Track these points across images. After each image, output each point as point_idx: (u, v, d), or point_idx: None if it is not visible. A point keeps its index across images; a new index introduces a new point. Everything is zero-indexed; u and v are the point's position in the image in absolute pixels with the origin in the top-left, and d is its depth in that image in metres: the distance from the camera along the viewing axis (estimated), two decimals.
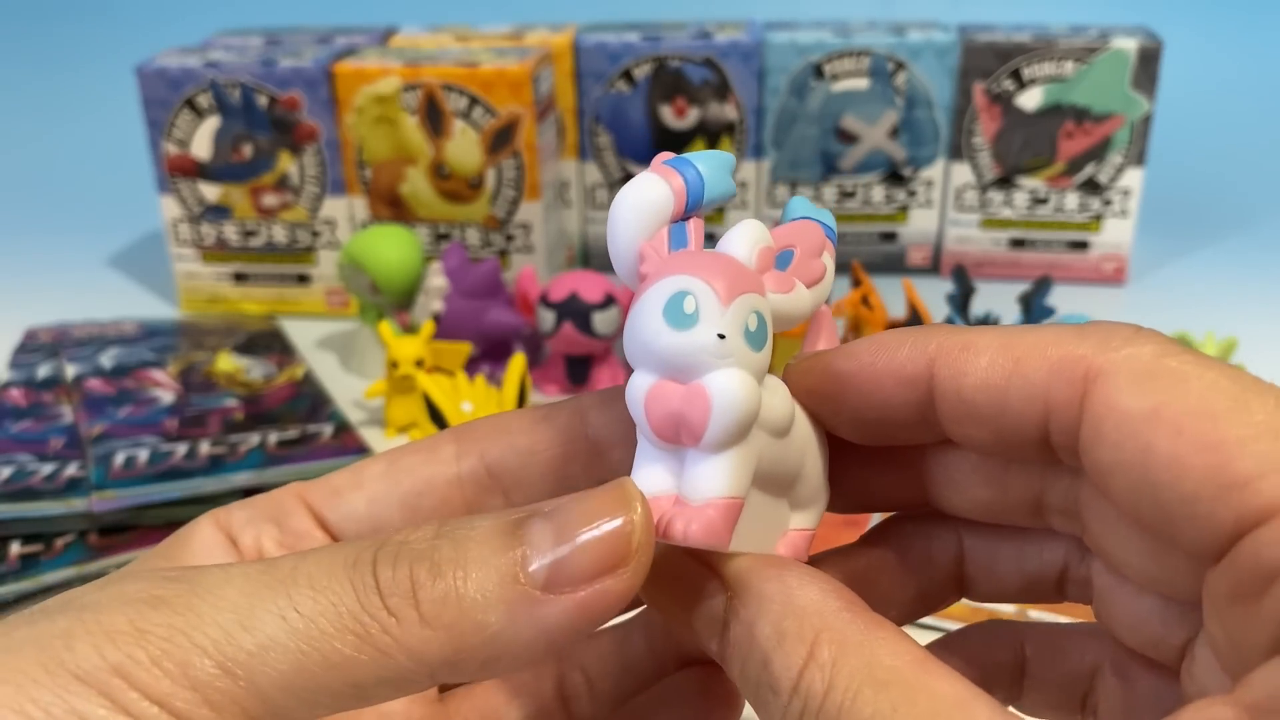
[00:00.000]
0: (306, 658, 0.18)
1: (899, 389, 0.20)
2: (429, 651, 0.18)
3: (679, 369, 0.19)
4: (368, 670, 0.18)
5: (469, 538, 0.19)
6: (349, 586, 0.18)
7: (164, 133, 0.70)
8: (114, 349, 0.65)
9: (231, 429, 0.55)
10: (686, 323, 0.19)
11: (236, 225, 0.72)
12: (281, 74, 0.68)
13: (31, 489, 0.49)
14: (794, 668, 0.18)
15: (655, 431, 0.19)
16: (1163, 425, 0.17)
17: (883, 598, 0.23)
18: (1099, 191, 0.74)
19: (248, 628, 0.18)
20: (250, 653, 0.18)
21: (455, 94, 0.67)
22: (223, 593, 0.18)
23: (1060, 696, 0.24)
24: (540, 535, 0.19)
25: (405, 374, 0.57)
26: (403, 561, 0.19)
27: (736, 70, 0.73)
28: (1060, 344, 0.19)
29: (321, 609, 0.18)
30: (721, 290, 0.19)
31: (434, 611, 0.18)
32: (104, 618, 0.18)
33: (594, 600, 0.18)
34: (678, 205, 0.20)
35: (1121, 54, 0.70)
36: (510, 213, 0.70)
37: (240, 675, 0.17)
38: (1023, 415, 0.19)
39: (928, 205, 0.76)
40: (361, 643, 0.18)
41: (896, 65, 0.73)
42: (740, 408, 0.19)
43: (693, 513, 0.19)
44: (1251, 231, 0.86)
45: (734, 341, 0.19)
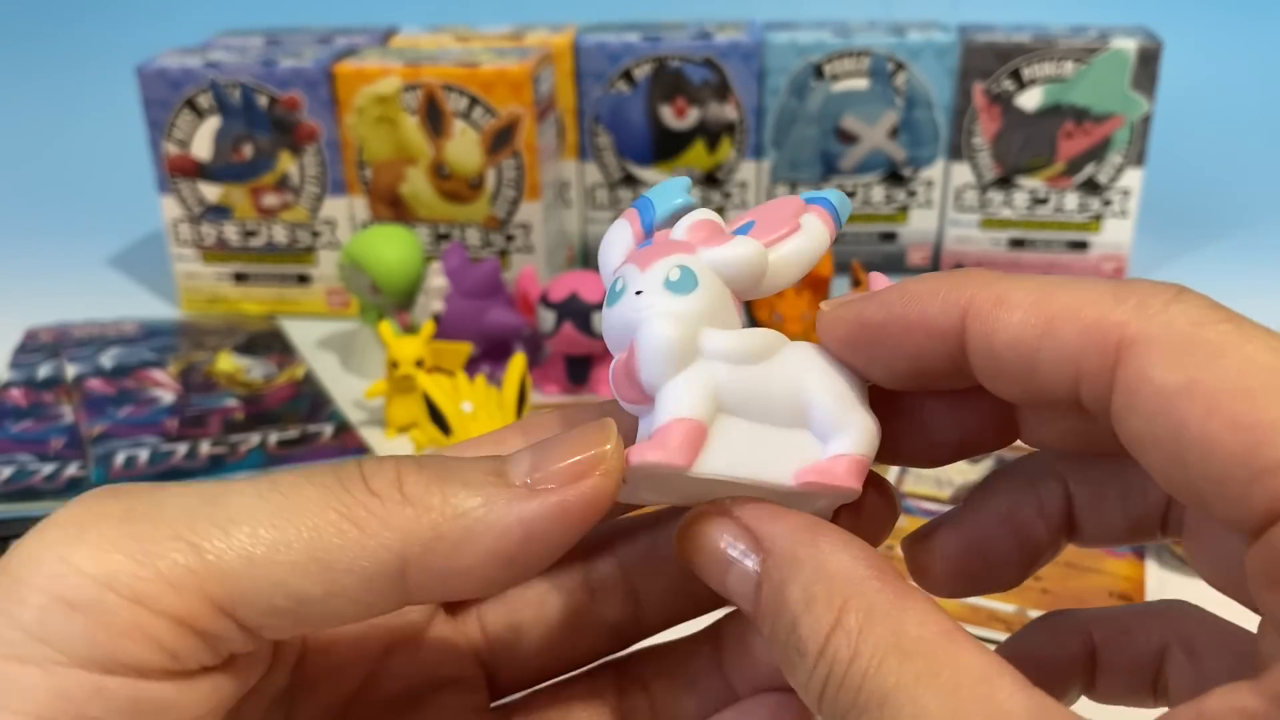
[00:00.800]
0: (279, 530, 0.17)
1: (930, 341, 0.20)
2: (407, 528, 0.18)
3: (622, 336, 0.21)
4: (340, 550, 0.18)
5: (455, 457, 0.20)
6: (332, 474, 0.19)
7: (164, 133, 0.70)
8: (114, 349, 0.65)
9: (232, 429, 0.55)
10: (615, 298, 0.21)
11: (237, 225, 0.73)
12: (282, 74, 0.68)
13: (32, 489, 0.49)
14: (821, 632, 0.18)
15: (620, 395, 0.21)
16: (1195, 402, 0.17)
17: (1001, 557, 0.23)
18: (1099, 192, 0.74)
19: (215, 503, 0.18)
20: (216, 523, 0.17)
21: (455, 94, 0.67)
22: (191, 485, 0.18)
23: (1132, 681, 0.24)
24: (520, 455, 0.20)
25: (405, 374, 0.57)
26: (389, 462, 0.19)
27: (736, 70, 0.73)
28: (1096, 305, 0.18)
29: (301, 489, 0.18)
30: (639, 260, 0.21)
31: (416, 493, 0.18)
32: (59, 513, 0.17)
33: (572, 497, 0.19)
34: (635, 230, 0.22)
35: (1121, 54, 0.70)
36: (510, 213, 0.70)
37: (203, 545, 0.17)
38: (1053, 377, 0.19)
39: (928, 205, 0.76)
40: (339, 517, 0.18)
41: (896, 65, 0.73)
42: (659, 339, 0.20)
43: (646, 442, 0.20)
44: (1251, 231, 0.86)
45: (653, 294, 0.20)
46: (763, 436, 0.21)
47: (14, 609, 0.16)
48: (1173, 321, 0.17)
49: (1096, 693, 0.24)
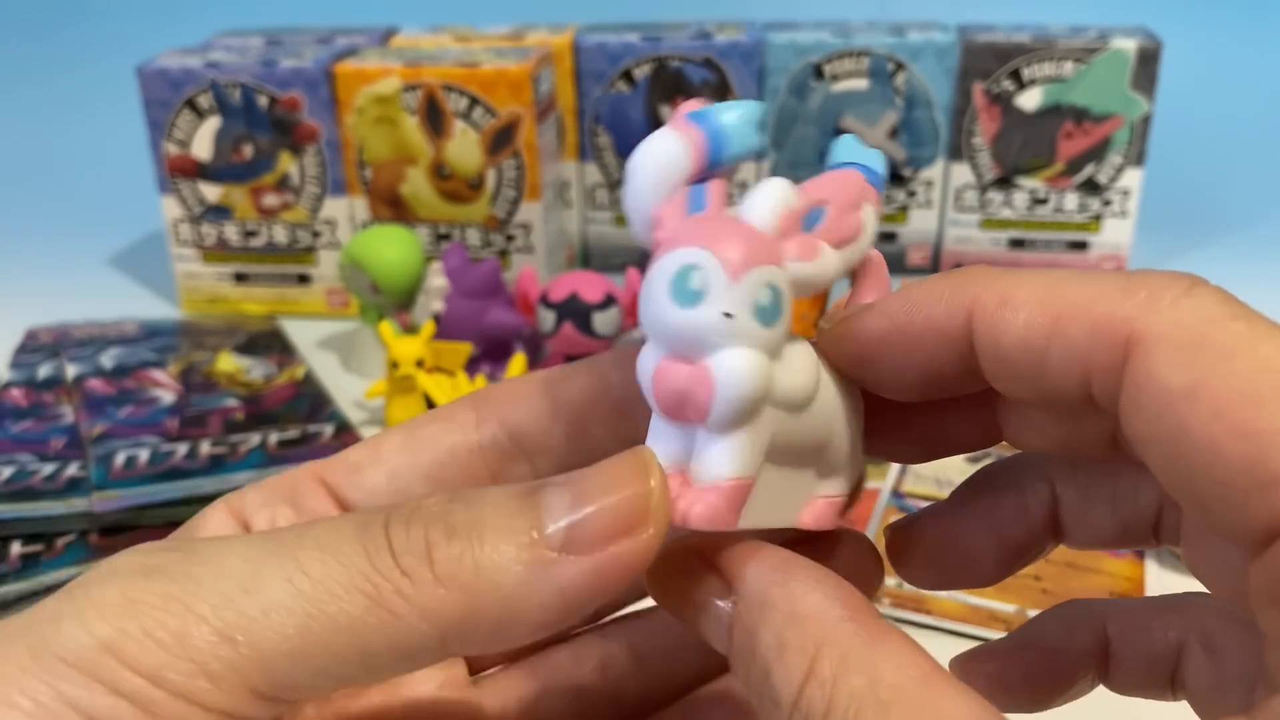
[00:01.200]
0: (313, 620, 0.17)
1: (939, 348, 0.19)
2: (443, 612, 0.17)
3: (685, 347, 0.18)
4: (378, 634, 0.17)
5: (484, 502, 0.18)
6: (359, 548, 0.18)
7: (165, 133, 0.70)
8: (115, 349, 0.65)
9: (232, 429, 0.55)
10: (692, 299, 0.18)
11: (237, 225, 0.73)
12: (282, 74, 0.68)
13: (32, 489, 0.49)
14: (794, 683, 0.17)
15: (662, 409, 0.19)
16: (1200, 405, 0.16)
17: (979, 552, 0.23)
18: (1098, 192, 0.74)
19: (250, 591, 0.17)
20: (252, 618, 0.17)
21: (455, 94, 0.67)
22: (223, 560, 0.17)
23: (1147, 675, 0.23)
24: (557, 500, 0.18)
25: (405, 374, 0.57)
26: (416, 524, 0.18)
27: (736, 70, 0.73)
28: (1104, 301, 0.18)
29: (330, 570, 0.17)
30: (731, 264, 0.18)
31: (449, 571, 0.17)
32: (94, 592, 0.17)
33: (610, 562, 0.18)
34: (696, 163, 0.19)
35: (1121, 54, 0.70)
36: (510, 213, 0.70)
37: (241, 641, 0.17)
38: (1064, 377, 0.18)
39: (927, 205, 0.76)
40: (372, 604, 0.17)
41: (896, 66, 0.73)
42: (745, 390, 0.18)
43: (695, 494, 0.18)
44: (1251, 231, 0.86)
45: (742, 320, 0.18)
46: (776, 479, 0.20)
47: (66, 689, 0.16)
48: (1182, 318, 0.17)
49: (1112, 684, 0.24)
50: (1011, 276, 0.19)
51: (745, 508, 0.19)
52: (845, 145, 0.21)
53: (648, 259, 0.19)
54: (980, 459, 0.47)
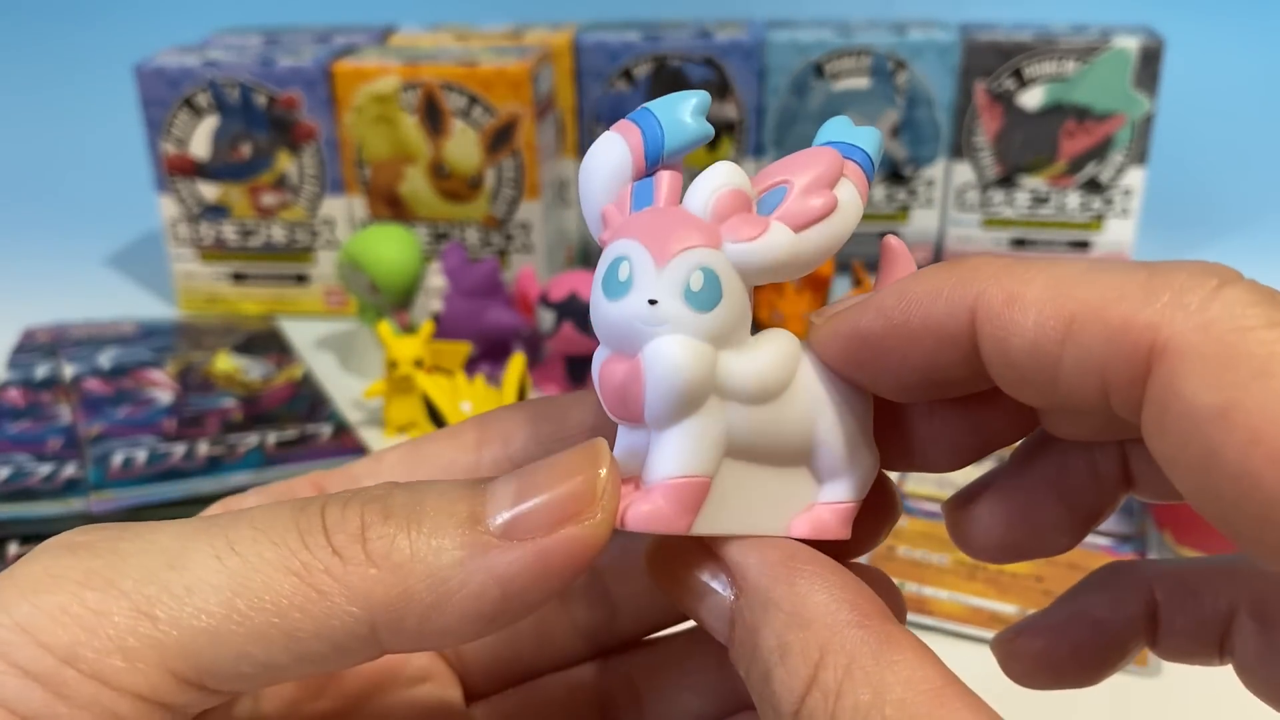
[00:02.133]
0: (237, 598, 0.16)
1: (939, 349, 0.18)
2: (373, 594, 0.16)
3: (621, 342, 0.17)
4: (304, 615, 0.16)
5: (429, 490, 0.17)
6: (293, 526, 0.17)
7: (162, 132, 0.70)
8: (112, 349, 0.65)
9: (230, 429, 0.55)
10: (620, 291, 0.17)
11: (235, 225, 0.72)
12: (280, 73, 0.68)
13: (30, 489, 0.49)
14: (796, 690, 0.16)
15: (610, 410, 0.18)
16: (1235, 430, 0.14)
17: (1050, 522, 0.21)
18: (1100, 191, 0.74)
19: (175, 567, 0.16)
20: (175, 594, 0.16)
21: (454, 93, 0.67)
22: (154, 537, 0.17)
23: (1196, 641, 0.22)
24: (503, 490, 0.17)
25: (404, 374, 0.56)
26: (354, 505, 0.17)
27: (737, 69, 0.73)
28: (1122, 303, 0.16)
29: (260, 548, 0.16)
30: (656, 250, 0.17)
31: (382, 550, 0.17)
32: (19, 570, 0.16)
33: (555, 547, 0.17)
34: (636, 160, 0.18)
35: (1123, 53, 0.70)
36: (510, 212, 0.69)
37: (161, 618, 0.16)
38: (1079, 387, 0.16)
39: (929, 205, 0.76)
40: (299, 582, 0.16)
41: (897, 64, 0.72)
42: (676, 377, 0.17)
43: (639, 496, 0.17)
44: (1253, 231, 0.86)
45: (669, 306, 0.17)
46: (759, 480, 0.19)
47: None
48: (1212, 324, 0.15)
49: (1159, 650, 0.23)
50: (1020, 270, 0.17)
51: (709, 510, 0.18)
52: (834, 125, 0.20)
53: None
54: None
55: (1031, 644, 0.23)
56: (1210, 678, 0.39)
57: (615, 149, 0.18)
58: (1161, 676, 0.40)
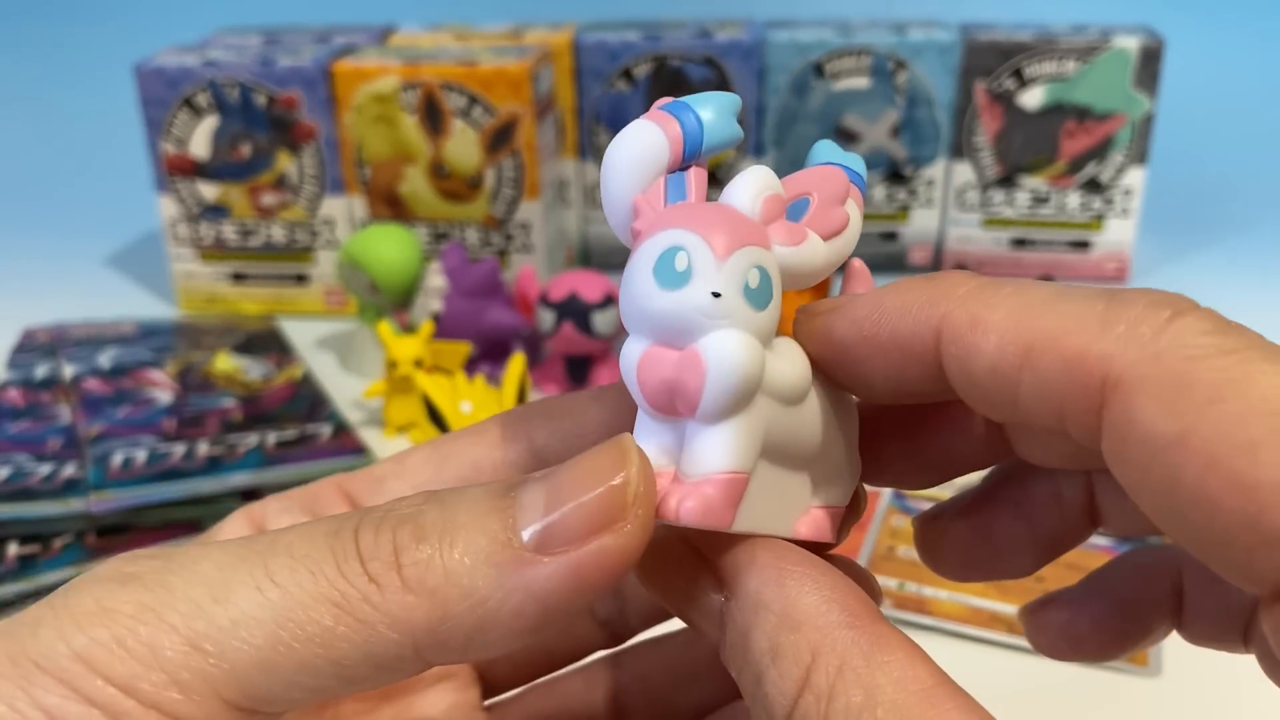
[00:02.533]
0: (282, 631, 0.16)
1: (905, 363, 0.18)
2: (413, 620, 0.17)
3: (672, 332, 0.17)
4: (348, 644, 0.17)
5: (458, 503, 0.17)
6: (329, 554, 0.17)
7: (162, 132, 0.70)
8: (112, 349, 0.65)
9: (230, 429, 0.55)
10: (678, 281, 0.17)
11: (235, 225, 0.72)
12: (280, 73, 0.68)
13: (29, 489, 0.49)
14: (789, 693, 0.16)
15: (650, 402, 0.18)
16: (1192, 456, 0.15)
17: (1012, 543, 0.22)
18: (1101, 191, 0.74)
19: (220, 600, 0.17)
20: (222, 627, 0.16)
21: (454, 93, 0.67)
22: (197, 567, 0.17)
23: (1220, 627, 0.22)
24: (533, 498, 0.17)
25: (404, 374, 0.56)
26: (386, 527, 0.17)
27: (737, 69, 0.73)
28: (1079, 333, 0.16)
29: (299, 579, 0.17)
30: (717, 244, 0.17)
31: (417, 576, 0.17)
32: (71, 600, 0.17)
33: (589, 560, 0.17)
34: (674, 153, 0.18)
35: (1123, 53, 0.70)
36: (509, 212, 0.69)
37: (211, 652, 0.16)
38: (1036, 410, 0.17)
39: (929, 204, 0.76)
40: (341, 612, 0.17)
41: (897, 64, 0.72)
42: (740, 372, 0.17)
43: (689, 489, 0.17)
44: (1254, 230, 0.85)
45: (731, 300, 0.17)
46: (774, 481, 0.19)
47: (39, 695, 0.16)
48: (1164, 354, 0.15)
49: (1184, 634, 0.23)
50: (987, 293, 0.17)
51: (741, 507, 0.17)
52: (825, 147, 0.20)
53: None
54: None
55: (1057, 615, 0.23)
56: (1210, 677, 0.39)
57: (654, 138, 0.18)
58: (1161, 676, 0.40)
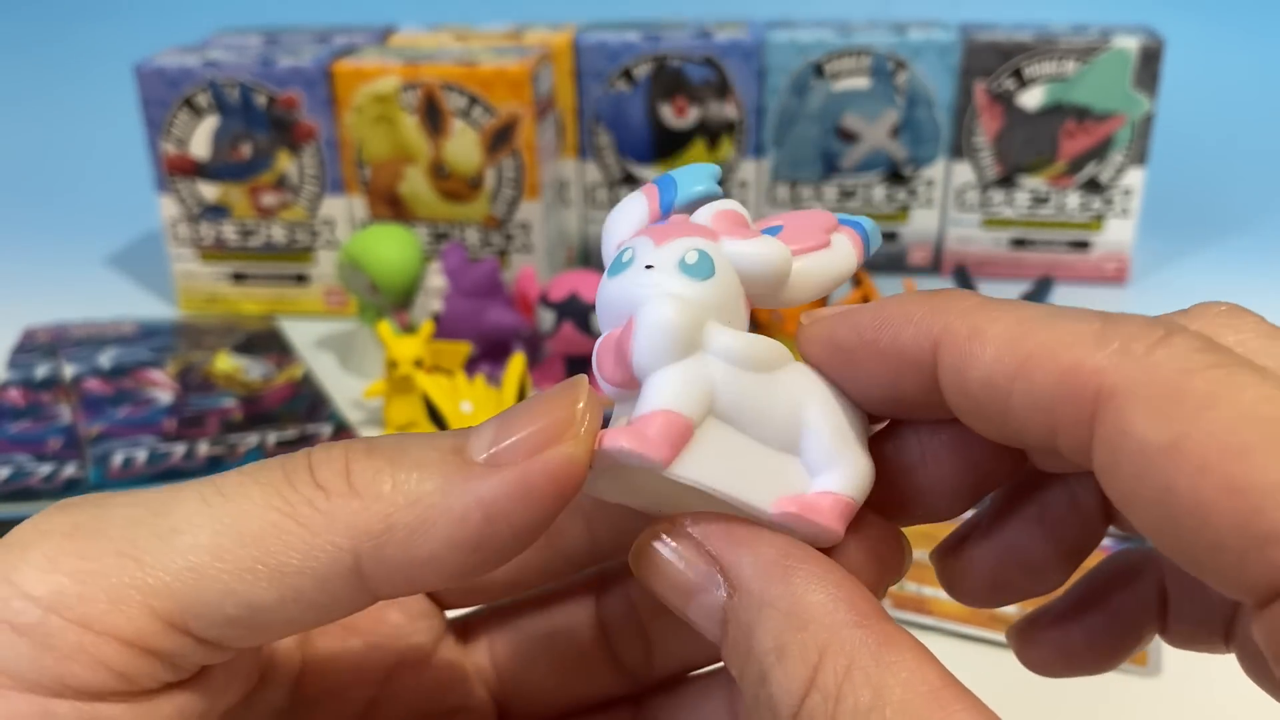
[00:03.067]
0: (221, 536, 0.16)
1: (903, 371, 0.19)
2: (356, 523, 0.16)
3: (619, 312, 0.19)
4: (287, 550, 0.16)
5: (411, 435, 0.18)
6: (278, 470, 0.17)
7: (162, 132, 0.70)
8: (112, 349, 0.65)
9: (230, 429, 0.55)
10: (621, 269, 0.19)
11: (235, 225, 0.72)
12: (280, 73, 0.68)
13: (30, 489, 0.49)
14: (795, 693, 0.16)
15: (606, 376, 0.19)
16: (1184, 461, 0.15)
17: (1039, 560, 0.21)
18: (1100, 191, 0.74)
19: (160, 514, 0.16)
20: (159, 534, 0.16)
21: (454, 93, 0.67)
22: (142, 495, 0.17)
23: (1202, 628, 0.22)
24: (484, 430, 0.18)
25: (404, 374, 0.56)
26: (338, 446, 0.18)
27: (737, 69, 0.73)
28: (1075, 347, 0.16)
29: (246, 490, 0.17)
30: (657, 235, 0.19)
31: (365, 482, 0.17)
32: (12, 533, 0.17)
33: (535, 467, 0.17)
34: (653, 209, 0.21)
35: (1123, 53, 0.70)
36: (510, 212, 0.69)
37: (146, 560, 0.16)
38: (1028, 423, 0.17)
39: (929, 205, 0.76)
40: (284, 516, 0.16)
41: (897, 64, 0.72)
42: (663, 323, 0.18)
43: (626, 427, 0.18)
44: (1254, 231, 0.86)
45: (665, 272, 0.19)
46: (749, 451, 0.19)
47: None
48: (1157, 367, 0.16)
49: (1167, 637, 0.23)
50: (988, 308, 0.18)
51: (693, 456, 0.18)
52: None
53: None
54: None
55: (1047, 632, 0.23)
56: (1209, 677, 0.39)
57: (636, 201, 0.21)
58: (1161, 676, 0.40)
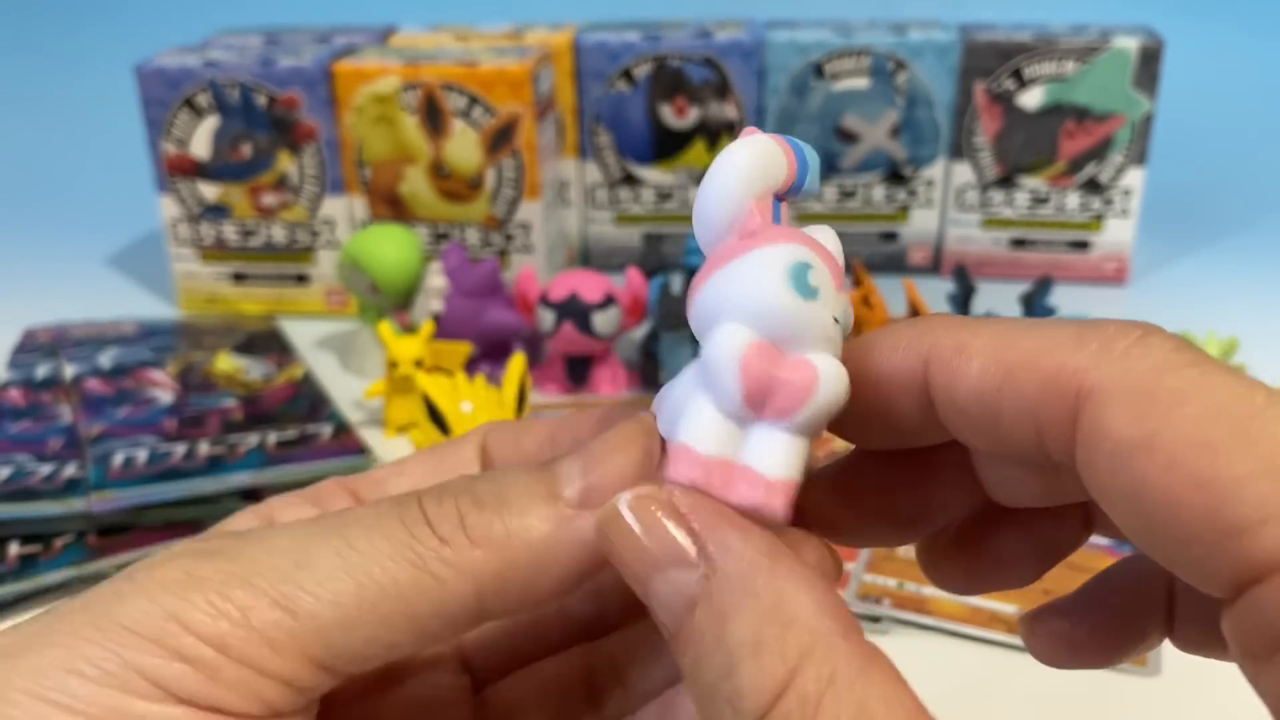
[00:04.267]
0: (365, 590, 0.18)
1: (896, 395, 0.20)
2: (482, 571, 0.19)
3: (789, 337, 0.18)
4: (423, 598, 0.18)
5: (504, 477, 0.20)
6: (398, 522, 0.19)
7: (163, 132, 0.70)
8: (113, 349, 0.65)
9: (230, 429, 0.55)
10: (810, 295, 0.18)
11: (235, 225, 0.72)
12: (280, 73, 0.68)
13: (30, 489, 0.49)
14: (767, 689, 0.16)
15: (746, 390, 0.18)
16: (1156, 456, 0.16)
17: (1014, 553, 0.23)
18: (1100, 191, 0.74)
19: (304, 565, 0.18)
20: (309, 590, 0.18)
21: (455, 93, 0.67)
22: (274, 542, 0.19)
23: (1209, 634, 0.22)
24: (569, 467, 0.19)
25: (405, 374, 0.56)
26: (446, 497, 0.19)
27: (737, 69, 0.73)
28: (1055, 352, 0.17)
29: (376, 544, 0.19)
30: (836, 275, 0.19)
31: (482, 533, 0.19)
32: (155, 572, 0.18)
33: None
34: (788, 180, 0.19)
35: (1122, 53, 0.70)
36: (510, 212, 0.70)
37: (300, 612, 0.18)
38: (1016, 429, 0.18)
39: (928, 205, 0.76)
40: (417, 570, 0.18)
41: (897, 64, 0.72)
42: (839, 398, 0.18)
43: (765, 484, 0.18)
44: (1253, 231, 0.86)
45: (838, 329, 0.19)
46: None
47: (131, 656, 0.17)
48: (1133, 367, 0.16)
49: (1175, 641, 0.23)
50: (972, 326, 0.19)
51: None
52: None
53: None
54: None
55: (1056, 624, 0.24)
56: (1209, 678, 0.39)
57: (780, 159, 0.19)
58: (1161, 676, 0.40)
